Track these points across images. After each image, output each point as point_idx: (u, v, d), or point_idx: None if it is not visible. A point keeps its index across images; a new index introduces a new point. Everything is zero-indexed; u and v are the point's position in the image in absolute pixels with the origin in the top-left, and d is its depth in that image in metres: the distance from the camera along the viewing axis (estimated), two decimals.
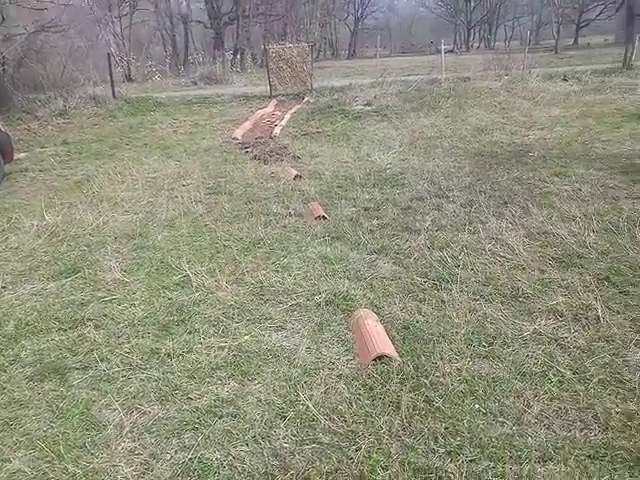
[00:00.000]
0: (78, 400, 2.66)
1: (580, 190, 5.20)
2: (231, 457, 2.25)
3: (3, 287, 3.92)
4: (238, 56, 26.99)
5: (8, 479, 2.21)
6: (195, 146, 8.78)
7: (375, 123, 9.74)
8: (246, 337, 3.09)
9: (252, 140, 8.95)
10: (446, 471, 2.09)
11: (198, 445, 2.33)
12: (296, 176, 6.39)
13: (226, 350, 2.98)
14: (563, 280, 3.52)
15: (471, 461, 2.14)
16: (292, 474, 2.15)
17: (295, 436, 2.35)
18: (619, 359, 2.70)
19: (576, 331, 2.96)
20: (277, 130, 9.67)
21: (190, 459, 2.26)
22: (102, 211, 5.48)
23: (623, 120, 8.52)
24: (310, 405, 2.50)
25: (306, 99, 13.65)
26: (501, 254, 3.96)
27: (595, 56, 19.96)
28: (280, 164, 7.15)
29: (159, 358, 2.95)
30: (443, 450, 2.21)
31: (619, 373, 2.60)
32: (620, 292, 3.33)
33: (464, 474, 2.08)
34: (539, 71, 13.38)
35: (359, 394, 2.58)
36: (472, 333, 3.01)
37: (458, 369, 2.70)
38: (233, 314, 3.36)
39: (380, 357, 2.78)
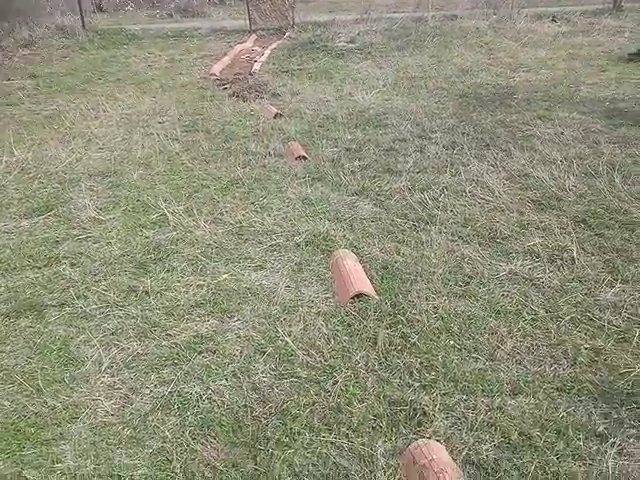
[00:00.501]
0: (55, 336, 2.65)
1: (562, 134, 5.17)
2: (210, 391, 2.29)
3: None
4: None
5: None
6: (171, 82, 8.42)
7: (358, 61, 9.43)
8: (225, 276, 3.08)
9: (231, 76, 8.60)
10: (420, 403, 2.16)
11: (177, 380, 2.36)
12: (276, 114, 6.21)
13: (205, 288, 2.97)
14: (541, 222, 3.55)
15: (445, 394, 2.21)
16: (270, 407, 2.20)
17: (274, 371, 2.39)
18: (590, 298, 2.78)
19: (551, 271, 3.02)
20: (257, 66, 9.30)
21: (170, 392, 2.29)
22: (75, 148, 5.28)
23: (609, 63, 8.39)
24: (289, 341, 2.53)
25: (287, 34, 13.09)
26: (481, 196, 3.96)
27: None
28: (260, 102, 6.92)
29: (137, 296, 2.94)
30: (418, 384, 2.28)
31: (590, 312, 2.67)
32: (595, 234, 3.38)
33: (437, 406, 2.15)
34: (528, 11, 12.95)
35: (337, 330, 2.62)
36: (449, 273, 3.05)
37: (434, 307, 2.74)
38: (212, 253, 3.33)
39: (358, 295, 2.81)
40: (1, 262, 3.32)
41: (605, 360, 2.36)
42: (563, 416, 2.09)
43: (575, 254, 3.13)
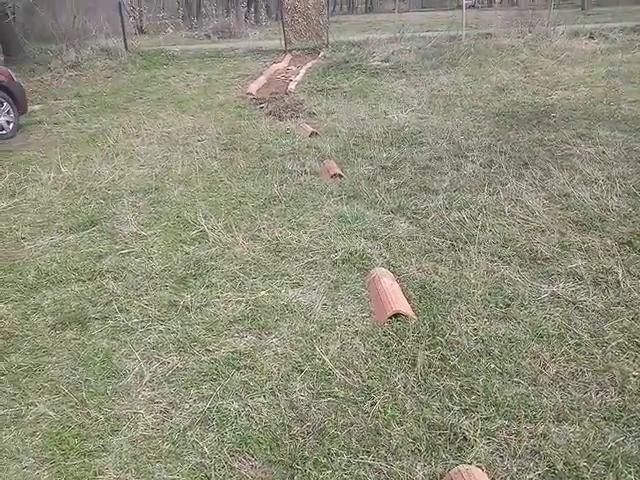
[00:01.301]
0: (99, 349, 2.72)
1: (604, 152, 5.06)
2: (248, 408, 2.30)
3: (23, 238, 3.97)
4: (252, 8, 26.20)
5: (34, 422, 2.28)
6: (209, 101, 8.65)
7: (393, 80, 9.49)
8: (263, 292, 3.11)
9: (267, 95, 8.78)
10: (460, 428, 2.12)
11: (216, 395, 2.38)
12: (312, 133, 6.28)
13: (243, 304, 3.01)
14: (583, 243, 3.46)
15: (486, 419, 2.16)
16: (308, 426, 2.20)
17: (311, 389, 2.39)
18: (638, 324, 2.68)
19: (595, 295, 2.94)
20: (292, 85, 9.47)
21: (208, 408, 2.31)
22: (118, 165, 5.46)
23: None
24: (326, 359, 2.53)
25: (322, 54, 13.29)
26: (520, 216, 3.90)
27: (624, 13, 19.09)
28: (295, 120, 7.03)
29: (177, 310, 2.99)
30: (458, 408, 2.23)
31: (638, 338, 2.58)
32: None
33: (478, 431, 2.10)
34: (564, 28, 12.80)
35: (375, 350, 2.60)
36: (489, 294, 2.99)
37: (474, 329, 2.70)
38: (250, 270, 3.37)
39: (396, 315, 2.79)
40: (48, 275, 3.44)
41: None
42: (612, 447, 2.01)
43: (620, 277, 3.04)
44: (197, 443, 2.16)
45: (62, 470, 2.06)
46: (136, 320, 2.93)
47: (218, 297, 3.09)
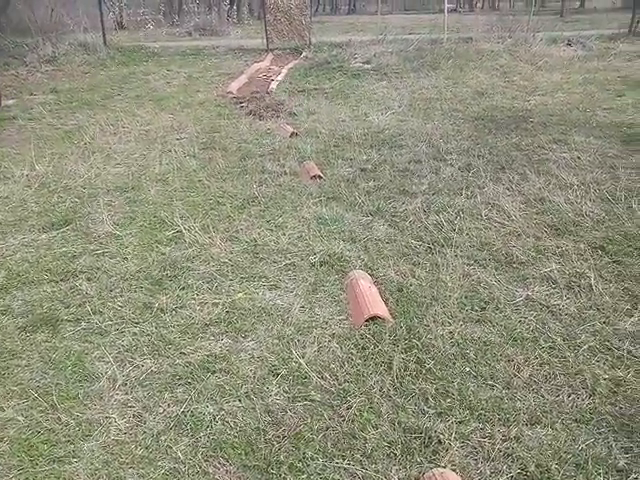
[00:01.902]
0: (71, 352, 2.66)
1: (579, 158, 5.15)
2: (223, 412, 2.28)
3: None
4: (235, 7, 26.03)
5: (2, 427, 2.22)
6: (189, 99, 8.56)
7: (374, 82, 9.53)
8: (240, 294, 3.09)
9: (248, 95, 8.73)
10: (436, 431, 2.13)
11: (191, 399, 2.35)
12: (292, 133, 6.27)
13: (220, 307, 2.98)
14: (558, 248, 3.52)
15: (460, 422, 2.18)
16: (284, 430, 2.18)
17: (287, 393, 2.38)
18: (609, 327, 2.73)
19: (568, 298, 2.99)
20: (273, 85, 9.43)
21: (183, 413, 2.28)
22: (94, 163, 5.36)
23: (626, 88, 8.38)
24: (303, 363, 2.52)
25: (304, 54, 13.27)
26: (497, 220, 3.95)
27: (601, 21, 19.48)
28: (276, 120, 7.01)
29: (152, 312, 2.95)
30: (433, 411, 2.24)
31: (609, 341, 2.63)
32: (614, 261, 3.34)
33: (453, 434, 2.12)
34: (543, 35, 13.02)
35: (351, 353, 2.60)
36: (465, 297, 3.02)
37: (450, 332, 2.72)
38: (227, 271, 3.34)
39: (373, 318, 2.79)
40: (19, 275, 3.35)
41: (625, 392, 2.31)
42: (582, 449, 2.04)
43: (593, 281, 3.09)
44: (171, 448, 2.12)
45: (30, 477, 2.01)
46: (110, 322, 2.88)
47: (194, 299, 3.06)
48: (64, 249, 3.68)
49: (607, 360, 2.51)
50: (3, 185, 4.84)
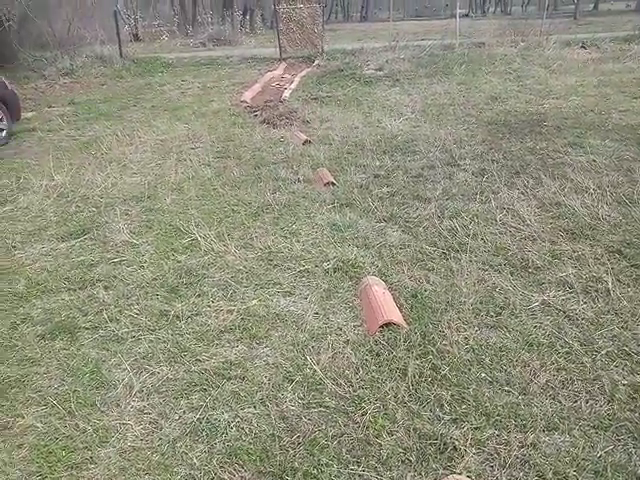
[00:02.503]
0: (88, 359, 2.70)
1: (594, 161, 5.10)
2: (239, 418, 2.29)
3: (13, 246, 3.95)
4: (247, 17, 26.32)
5: (21, 434, 2.26)
6: (204, 109, 8.65)
7: (387, 88, 9.54)
8: (254, 301, 3.11)
9: (261, 103, 8.80)
10: (451, 437, 2.12)
11: (206, 406, 2.37)
12: (305, 141, 6.30)
13: (235, 314, 3.00)
14: (574, 252, 3.48)
15: (476, 429, 2.16)
16: (298, 436, 2.19)
17: (302, 399, 2.38)
18: (628, 332, 2.69)
19: (585, 303, 2.95)
20: (287, 94, 9.50)
21: (198, 419, 2.30)
22: (111, 173, 5.45)
23: None
24: (317, 369, 2.52)
25: (316, 62, 13.34)
26: (512, 224, 3.92)
27: (615, 23, 19.30)
28: (289, 128, 7.05)
29: (168, 320, 2.98)
30: (449, 417, 2.23)
31: (627, 346, 2.59)
32: (631, 265, 3.29)
33: (469, 441, 2.10)
34: (556, 38, 12.91)
35: (366, 360, 2.60)
36: (480, 303, 3.00)
37: (465, 338, 2.70)
38: (242, 278, 3.37)
39: (387, 324, 2.79)
40: (38, 284, 3.42)
41: None
42: (601, 456, 2.01)
43: (610, 285, 3.05)
44: (186, 454, 2.14)
45: None
46: (126, 330, 2.91)
47: (209, 306, 3.08)
48: (82, 258, 3.74)
49: (626, 365, 2.47)
50: (23, 195, 4.94)
